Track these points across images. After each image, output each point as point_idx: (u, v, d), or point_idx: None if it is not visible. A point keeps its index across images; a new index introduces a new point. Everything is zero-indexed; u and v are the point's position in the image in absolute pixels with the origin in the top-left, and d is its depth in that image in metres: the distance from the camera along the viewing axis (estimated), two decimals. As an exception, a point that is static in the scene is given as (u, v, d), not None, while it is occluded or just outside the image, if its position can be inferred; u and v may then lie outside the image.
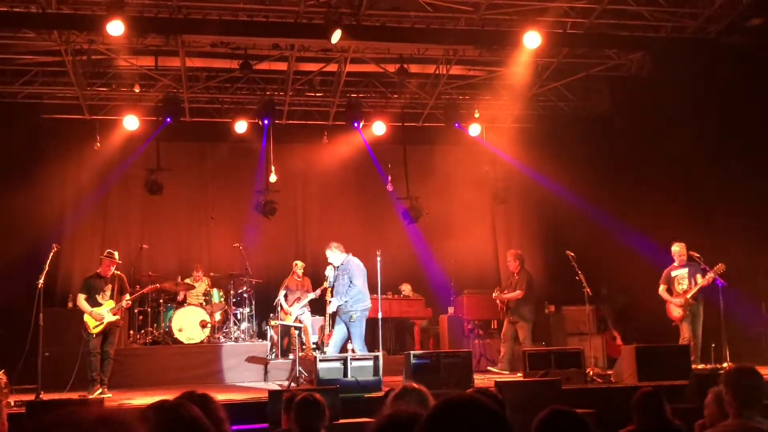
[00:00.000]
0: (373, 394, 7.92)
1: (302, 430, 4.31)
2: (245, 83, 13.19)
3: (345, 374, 8.40)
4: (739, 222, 11.12)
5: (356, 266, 10.10)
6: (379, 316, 10.69)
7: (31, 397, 8.30)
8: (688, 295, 10.04)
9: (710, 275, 9.82)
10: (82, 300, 9.59)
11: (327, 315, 12.38)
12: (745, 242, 10.69)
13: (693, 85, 11.13)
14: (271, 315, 12.68)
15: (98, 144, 13.10)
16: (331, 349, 9.84)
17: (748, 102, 10.81)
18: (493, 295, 11.51)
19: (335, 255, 10.14)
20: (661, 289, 10.35)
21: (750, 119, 10.90)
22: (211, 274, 12.83)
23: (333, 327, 10.18)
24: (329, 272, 10.18)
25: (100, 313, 9.44)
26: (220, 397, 8.56)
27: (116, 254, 9.91)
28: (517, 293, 11.07)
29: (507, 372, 10.72)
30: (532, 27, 10.37)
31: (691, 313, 10.08)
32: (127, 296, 9.68)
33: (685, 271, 10.22)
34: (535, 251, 14.89)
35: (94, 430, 1.19)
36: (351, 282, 9.89)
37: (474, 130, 13.94)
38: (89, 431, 1.19)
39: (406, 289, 13.41)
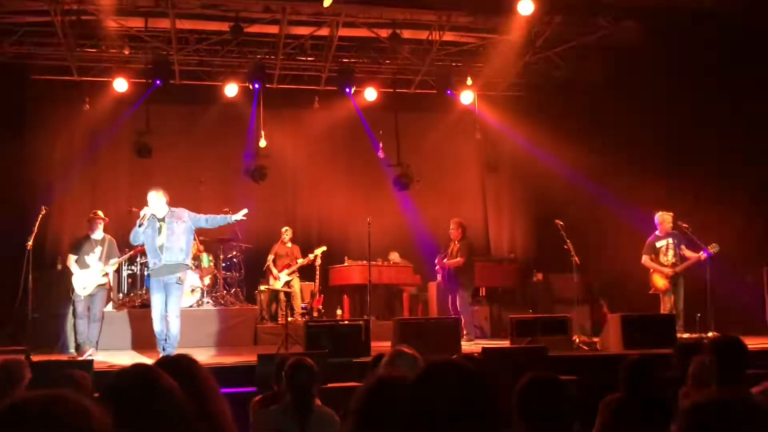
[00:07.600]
0: (362, 359, 7.98)
1: (295, 393, 4.35)
2: (236, 46, 13.05)
3: (334, 339, 8.43)
4: (729, 194, 11.15)
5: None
6: (369, 282, 10.73)
7: (21, 358, 8.30)
8: (678, 269, 10.10)
9: (701, 253, 9.88)
10: (71, 261, 9.54)
11: (317, 280, 12.48)
12: (733, 214, 10.74)
13: (687, 56, 11.09)
14: (261, 280, 12.71)
15: (87, 105, 13.01)
16: (158, 323, 8.40)
17: (743, 73, 10.78)
18: (435, 261, 11.67)
19: (160, 202, 8.46)
20: (645, 258, 10.36)
21: (745, 90, 10.88)
22: (201, 238, 12.76)
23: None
24: (146, 212, 8.38)
25: (88, 275, 9.43)
26: (210, 360, 8.65)
27: (101, 213, 9.85)
28: (458, 260, 11.19)
29: (472, 341, 10.72)
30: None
31: (673, 283, 10.18)
32: (114, 260, 9.66)
33: (669, 240, 10.25)
34: (524, 219, 14.99)
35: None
36: (192, 235, 8.60)
37: (466, 97, 13.90)
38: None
39: (394, 256, 13.48)
